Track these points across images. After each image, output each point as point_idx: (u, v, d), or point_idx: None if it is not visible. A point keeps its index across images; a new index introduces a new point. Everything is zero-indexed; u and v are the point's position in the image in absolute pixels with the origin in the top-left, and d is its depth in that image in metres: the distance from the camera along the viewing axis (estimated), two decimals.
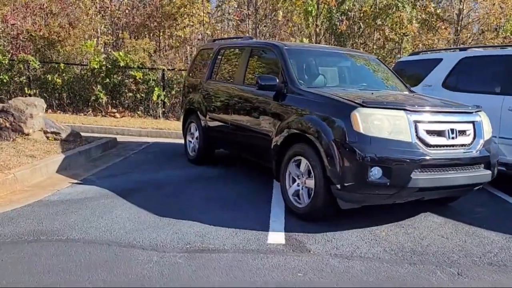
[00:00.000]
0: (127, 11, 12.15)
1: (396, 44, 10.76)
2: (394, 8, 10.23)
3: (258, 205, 4.37)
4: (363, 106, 3.51)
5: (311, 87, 4.36)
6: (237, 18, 15.36)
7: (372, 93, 4.26)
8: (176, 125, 9.76)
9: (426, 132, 3.55)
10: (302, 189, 4.00)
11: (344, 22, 10.65)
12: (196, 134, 6.32)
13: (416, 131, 3.52)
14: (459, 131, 3.69)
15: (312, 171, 3.80)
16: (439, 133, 3.62)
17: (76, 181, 5.08)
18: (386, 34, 10.26)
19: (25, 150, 5.74)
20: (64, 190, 4.66)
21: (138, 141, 8.42)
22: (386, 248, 3.38)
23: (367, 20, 10.69)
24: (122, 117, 10.78)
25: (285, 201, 4.24)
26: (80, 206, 4.15)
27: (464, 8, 11.26)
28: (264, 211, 4.18)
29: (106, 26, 13.08)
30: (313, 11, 10.11)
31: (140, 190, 4.77)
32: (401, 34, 10.39)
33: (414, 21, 10.29)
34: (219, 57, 6.03)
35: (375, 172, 3.40)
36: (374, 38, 10.91)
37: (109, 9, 12.12)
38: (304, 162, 3.93)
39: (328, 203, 3.73)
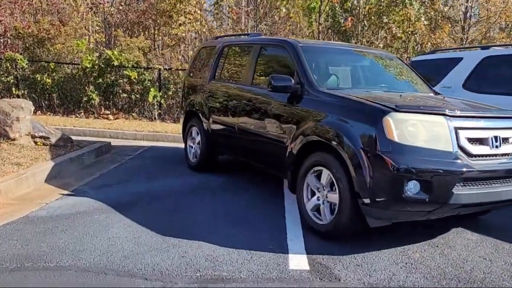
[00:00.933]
0: (120, 7, 11.65)
1: (403, 43, 10.40)
2: (401, 5, 9.86)
3: (271, 220, 3.95)
4: (397, 111, 3.09)
5: (331, 89, 3.94)
6: (235, 16, 14.92)
7: (401, 96, 3.85)
8: (173, 128, 9.31)
9: (468, 140, 3.14)
10: (323, 203, 3.57)
11: (349, 19, 10.26)
12: (198, 138, 5.88)
13: (457, 139, 3.10)
14: (503, 138, 3.29)
15: (335, 184, 3.38)
16: (482, 141, 3.21)
17: (67, 192, 4.62)
18: (394, 32, 9.90)
19: (10, 157, 5.27)
20: (53, 204, 4.20)
21: (133, 145, 7.96)
22: (426, 275, 2.96)
23: (372, 18, 10.30)
24: (115, 119, 10.30)
25: (302, 216, 3.81)
26: (72, 223, 3.69)
27: (473, 5, 10.92)
28: (279, 227, 3.76)
29: (99, 24, 12.57)
30: (316, 8, 9.69)
31: (138, 202, 4.33)
32: (409, 32, 10.02)
33: (422, 18, 9.94)
34: (223, 55, 5.59)
35: (412, 187, 2.98)
36: (380, 37, 10.54)
37: (102, 5, 11.62)
38: (325, 174, 3.51)
39: (355, 220, 3.31)
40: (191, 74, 6.42)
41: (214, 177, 5.55)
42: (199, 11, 13.56)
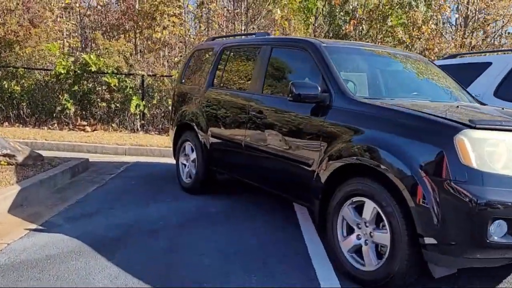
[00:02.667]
0: (98, 7, 10.82)
1: (405, 48, 9.89)
2: (408, 7, 9.36)
3: (293, 261, 3.24)
4: (473, 128, 2.43)
5: (368, 98, 3.27)
6: (221, 19, 14.24)
7: (458, 107, 3.20)
8: (158, 141, 8.51)
9: None
10: (366, 244, 2.87)
11: (351, 22, 9.70)
12: (193, 155, 5.12)
13: None
14: None
15: (385, 220, 2.69)
16: None
17: (35, 226, 3.80)
18: (399, 36, 9.37)
19: None
20: (17, 244, 3.38)
21: (114, 161, 7.13)
22: None
23: (374, 21, 9.77)
24: (93, 130, 9.43)
25: (335, 259, 3.10)
26: (40, 273, 2.89)
27: (477, 8, 10.53)
28: (306, 273, 3.05)
29: (74, 26, 11.69)
30: (314, 10, 9.10)
31: (126, 240, 3.54)
32: (415, 36, 9.52)
33: (430, 22, 9.46)
34: (223, 59, 4.87)
35: (497, 228, 2.31)
36: (384, 40, 10.02)
37: (77, 5, 10.76)
38: (369, 206, 2.81)
39: (412, 267, 2.62)
40: (183, 81, 5.67)
41: (213, 200, 4.80)
42: (182, 15, 12.85)
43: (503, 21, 11.04)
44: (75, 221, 3.97)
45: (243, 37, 5.16)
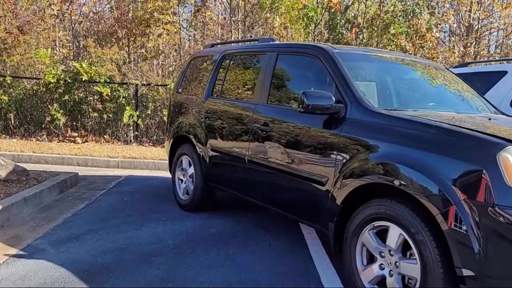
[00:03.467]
0: (91, 14, 10.51)
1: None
2: (411, 14, 9.15)
3: None
4: None
5: (389, 109, 2.97)
6: (216, 27, 14.02)
7: (490, 119, 2.91)
8: (152, 153, 8.18)
9: None
10: (391, 275, 2.55)
11: (354, 30, 9.47)
12: (190, 170, 4.80)
13: None
14: None
15: (414, 249, 2.38)
16: None
17: (16, 251, 3.45)
18: (402, 44, 9.14)
19: None
20: None
21: (106, 175, 6.79)
22: None
23: (375, 29, 9.54)
24: (84, 142, 9.08)
25: None
26: None
27: (481, 16, 10.35)
28: None
29: (66, 33, 11.36)
30: (315, 17, 8.87)
31: (117, 267, 3.20)
32: (418, 44, 9.30)
33: (434, 30, 9.25)
34: (223, 66, 4.58)
35: None
36: (386, 49, 9.80)
37: (69, 12, 10.45)
38: (395, 232, 2.50)
39: None
40: (179, 90, 5.37)
41: (213, 219, 4.48)
42: (177, 23, 12.61)
43: (507, 30, 10.88)
44: (61, 244, 3.62)
45: (245, 43, 4.87)
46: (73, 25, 10.95)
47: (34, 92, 9.43)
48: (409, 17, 9.26)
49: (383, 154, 2.61)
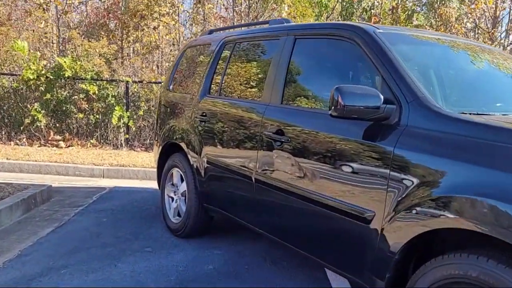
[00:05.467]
0: (76, 2, 9.64)
1: None
2: (438, 2, 8.25)
3: None
4: None
5: (465, 113, 2.08)
6: (217, 20, 13.13)
7: None
8: (144, 159, 7.30)
9: None
10: None
11: (372, 20, 8.57)
12: (183, 187, 3.94)
13: None
14: None
15: None
16: None
17: None
18: None
19: None
20: None
21: (87, 187, 5.93)
22: None
23: (397, 18, 8.62)
24: (68, 146, 8.22)
25: None
26: None
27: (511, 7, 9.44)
28: None
29: (49, 23, 10.48)
30: (329, 6, 7.98)
31: None
32: None
33: (465, 20, 8.35)
34: (224, 57, 3.71)
35: None
36: None
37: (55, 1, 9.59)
38: None
39: None
40: (171, 87, 4.50)
41: (210, 251, 3.63)
42: (175, 15, 11.74)
43: None
44: None
45: (251, 28, 3.98)
46: (58, 16, 10.11)
47: (15, 90, 8.57)
48: (435, 5, 8.34)
49: (469, 183, 1.72)
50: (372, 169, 2.10)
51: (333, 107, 2.13)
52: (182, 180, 3.97)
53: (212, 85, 3.75)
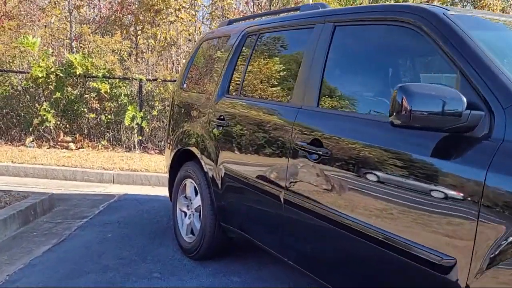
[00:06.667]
0: None
1: None
2: None
3: None
4: None
5: None
6: (235, 15, 12.61)
7: None
8: (157, 163, 6.84)
9: None
10: None
11: None
12: (197, 201, 3.44)
13: None
14: None
15: None
16: None
17: None
18: None
19: None
20: None
21: (95, 194, 5.50)
22: None
23: None
24: (78, 148, 7.82)
25: None
26: None
27: None
28: None
29: (61, 20, 10.12)
30: None
31: None
32: None
33: (510, 12, 7.66)
34: (245, 51, 3.19)
35: None
36: None
37: None
38: None
39: None
40: (184, 86, 4.01)
41: (227, 276, 3.15)
42: (192, 11, 11.28)
43: None
44: None
45: (278, 16, 3.44)
46: (70, 11, 9.74)
47: (26, 89, 8.22)
48: None
49: None
50: (452, 200, 1.55)
51: (395, 113, 1.58)
52: (196, 193, 3.48)
53: (231, 84, 3.23)
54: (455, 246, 1.51)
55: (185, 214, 3.65)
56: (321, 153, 2.12)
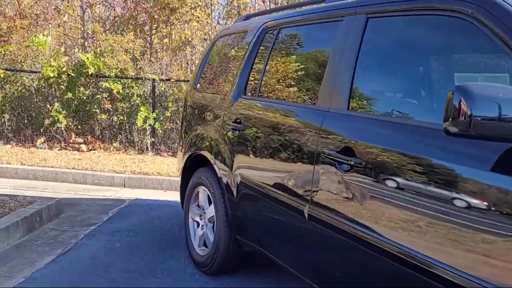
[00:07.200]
0: None
1: None
2: None
3: None
4: None
5: None
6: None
7: None
8: (170, 166, 6.62)
9: None
10: None
11: None
12: (210, 211, 3.20)
13: None
14: None
15: None
16: None
17: None
18: None
19: None
20: None
21: (105, 198, 5.30)
22: None
23: None
24: (90, 150, 7.65)
25: None
26: None
27: None
28: None
29: (75, 19, 10.00)
30: None
31: None
32: None
33: None
34: (264, 48, 2.92)
35: None
36: None
37: None
38: None
39: None
40: (198, 86, 3.76)
41: None
42: (207, 10, 11.09)
43: None
44: None
45: (299, 8, 3.17)
46: (83, 9, 9.61)
47: (38, 89, 8.08)
48: None
49: None
50: None
51: (450, 119, 1.30)
52: (210, 202, 3.23)
53: (248, 84, 2.97)
54: None
55: (198, 224, 3.40)
56: (353, 163, 1.84)
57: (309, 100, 2.38)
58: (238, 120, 2.87)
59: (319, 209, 2.04)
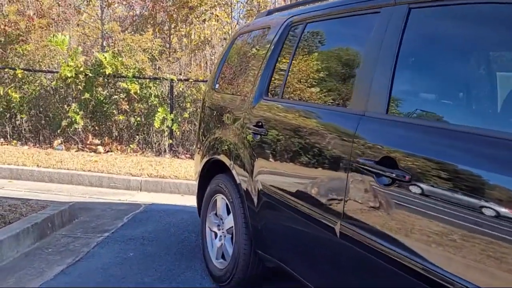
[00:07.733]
0: None
1: None
2: None
3: None
4: None
5: None
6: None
7: None
8: (187, 169, 6.44)
9: None
10: None
11: None
12: (229, 221, 2.97)
13: None
14: None
15: None
16: None
17: None
18: None
19: None
20: None
21: (121, 203, 5.14)
22: None
23: None
24: (107, 152, 7.52)
25: None
26: None
27: None
28: None
29: (92, 18, 9.92)
30: None
31: None
32: None
33: None
34: (288, 45, 2.68)
35: None
36: None
37: None
38: None
39: None
40: (217, 86, 3.54)
41: None
42: (227, 8, 10.90)
43: None
44: None
45: (328, 1, 2.90)
46: (102, 8, 9.52)
47: (56, 89, 8.00)
48: None
49: None
50: None
51: None
52: (228, 212, 3.00)
53: (271, 84, 2.73)
54: None
55: (216, 234, 3.18)
56: (394, 176, 1.59)
57: (341, 102, 2.13)
58: (260, 124, 2.64)
59: (353, 227, 1.78)
